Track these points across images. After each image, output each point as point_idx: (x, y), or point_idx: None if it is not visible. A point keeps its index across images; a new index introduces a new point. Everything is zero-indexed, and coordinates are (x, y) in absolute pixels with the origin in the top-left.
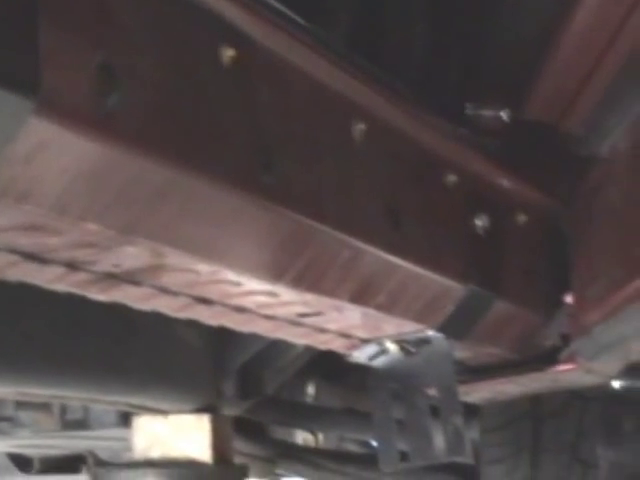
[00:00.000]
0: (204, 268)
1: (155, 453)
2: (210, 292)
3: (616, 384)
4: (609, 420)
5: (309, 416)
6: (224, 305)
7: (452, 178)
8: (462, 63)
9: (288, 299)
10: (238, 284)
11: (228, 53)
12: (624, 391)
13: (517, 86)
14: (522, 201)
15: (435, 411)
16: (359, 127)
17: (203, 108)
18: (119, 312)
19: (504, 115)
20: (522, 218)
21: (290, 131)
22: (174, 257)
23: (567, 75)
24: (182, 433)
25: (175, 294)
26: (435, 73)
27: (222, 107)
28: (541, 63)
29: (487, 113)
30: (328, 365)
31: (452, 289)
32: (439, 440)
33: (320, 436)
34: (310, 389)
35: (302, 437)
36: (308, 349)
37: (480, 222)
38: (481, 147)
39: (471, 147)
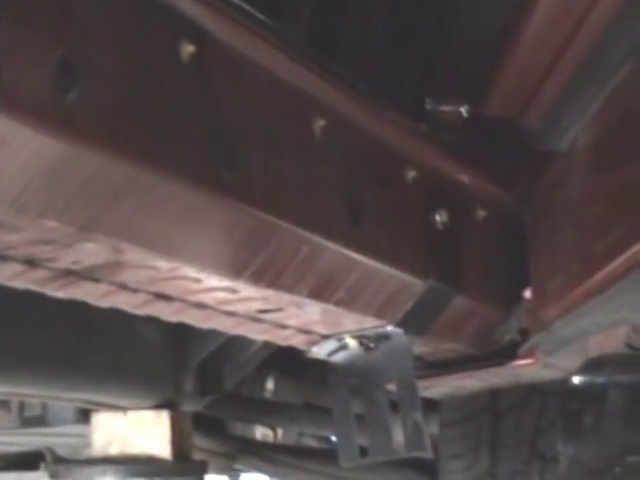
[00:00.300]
0: (164, 264)
1: (114, 449)
2: (170, 288)
3: (576, 379)
4: (568, 416)
5: (268, 412)
6: (184, 301)
7: (412, 173)
8: (421, 59)
9: (248, 295)
10: (198, 280)
11: (188, 49)
12: (583, 386)
13: (477, 82)
14: (481, 196)
15: (395, 406)
16: (319, 123)
17: (163, 104)
18: (77, 308)
19: (464, 111)
20: (481, 213)
21: (250, 127)
22: (133, 254)
23: (526, 71)
24: (141, 429)
25: (134, 291)
26: (394, 69)
27: (182, 103)
28: (500, 59)
29: (447, 109)
30: (287, 360)
31: (411, 285)
32: (399, 435)
33: (279, 432)
34: (269, 384)
35: (261, 433)
36: (267, 345)
37: (439, 217)
38: (441, 142)
39: (431, 142)
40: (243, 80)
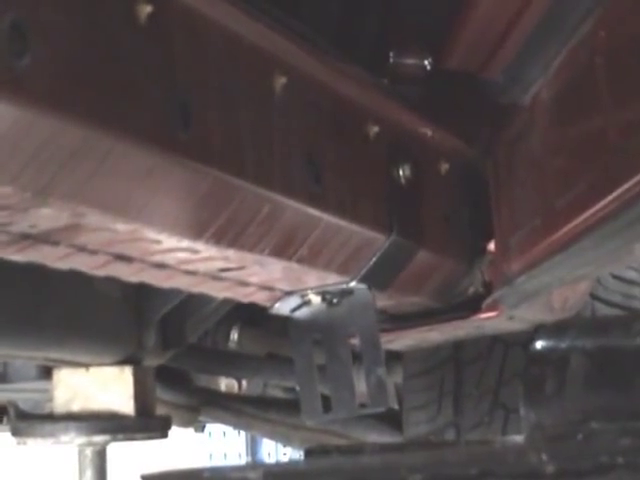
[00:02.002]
0: (122, 227)
1: (76, 406)
2: (130, 250)
3: (537, 344)
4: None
5: (232, 363)
6: (144, 262)
7: (374, 129)
8: (382, 12)
9: (209, 255)
10: (158, 242)
11: (145, 9)
12: (545, 351)
13: (439, 34)
14: (444, 150)
15: (358, 360)
16: (279, 80)
17: (118, 66)
18: (35, 266)
19: (427, 63)
20: (444, 167)
21: (207, 85)
22: (92, 217)
23: (489, 23)
24: (104, 385)
25: (93, 252)
26: (354, 23)
27: (138, 64)
28: (463, 10)
29: (410, 61)
30: (251, 311)
31: (374, 240)
32: (362, 390)
33: (244, 383)
34: (233, 335)
35: (226, 384)
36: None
37: (402, 172)
38: (403, 97)
39: (392, 97)
40: (200, 39)
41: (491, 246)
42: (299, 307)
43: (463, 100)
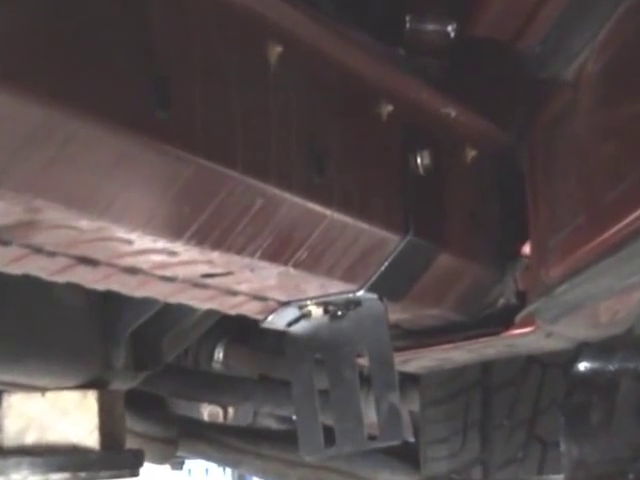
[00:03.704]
0: (87, 224)
1: (30, 438)
2: (95, 251)
3: (581, 366)
4: (572, 410)
5: (217, 387)
6: (112, 266)
7: (387, 109)
8: None
9: (190, 258)
10: (129, 242)
11: None
12: (590, 375)
13: None
14: (470, 134)
15: (367, 385)
16: (275, 50)
17: (85, 35)
18: None
19: (450, 30)
20: (471, 154)
21: (190, 57)
22: (50, 212)
23: None
24: (63, 413)
25: (52, 254)
26: None
27: (108, 32)
28: None
29: (430, 28)
30: (240, 325)
31: (386, 241)
32: (372, 420)
33: (230, 411)
34: (218, 354)
35: (209, 412)
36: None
37: (420, 160)
38: (421, 70)
39: (410, 71)
40: (181, 2)
41: (526, 249)
42: (297, 320)
43: (493, 75)
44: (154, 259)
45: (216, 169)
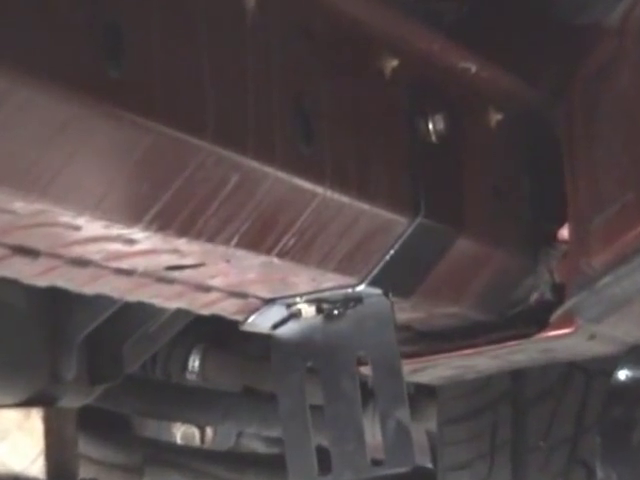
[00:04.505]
0: (24, 206)
1: None
2: (34, 240)
3: (621, 374)
4: (611, 427)
5: (192, 402)
6: (56, 257)
7: (390, 63)
8: None
9: (151, 246)
10: (76, 228)
11: None
12: (633, 385)
13: None
14: (494, 93)
15: (370, 398)
16: None
17: None
18: None
19: None
20: (494, 117)
21: (148, 1)
22: None
23: None
24: (2, 436)
25: None
26: None
27: None
28: None
29: None
30: (218, 327)
31: (392, 224)
32: (375, 441)
33: (209, 431)
34: (193, 363)
35: (182, 433)
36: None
37: (433, 125)
38: (433, 16)
39: (419, 17)
40: None
41: (563, 232)
42: (284, 321)
43: (521, 21)
44: (107, 248)
45: (181, 137)
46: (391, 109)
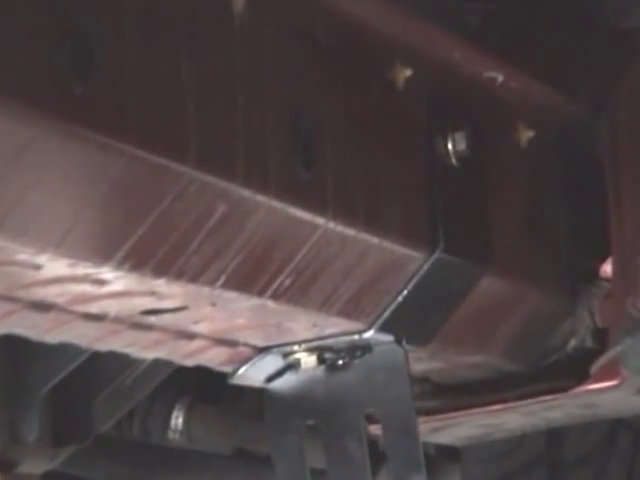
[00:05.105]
0: None
1: None
2: None
3: None
4: None
5: (175, 466)
6: (12, 300)
7: (404, 73)
8: None
9: (124, 288)
10: (36, 267)
11: None
12: None
13: None
14: (525, 107)
15: (379, 460)
16: None
17: None
18: None
19: None
20: (525, 135)
21: (120, 7)
22: None
23: None
24: None
25: None
26: None
27: None
28: None
29: None
30: (206, 380)
31: (405, 260)
32: None
33: None
34: (176, 421)
35: None
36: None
37: (453, 145)
38: (454, 19)
39: (436, 20)
40: None
41: (607, 268)
42: (280, 373)
43: (557, 24)
44: (73, 290)
45: (158, 162)
46: (404, 126)
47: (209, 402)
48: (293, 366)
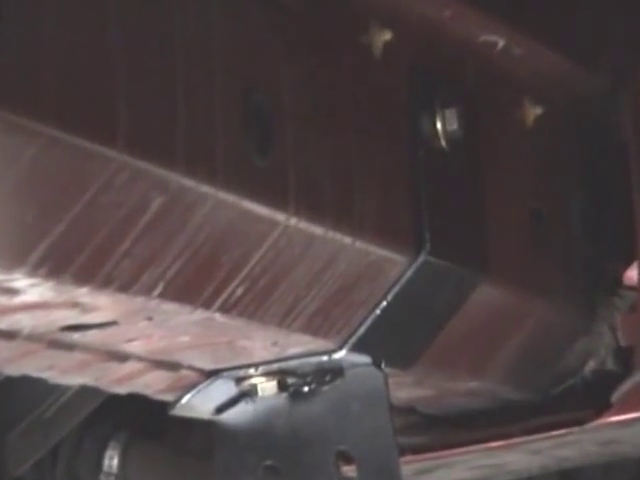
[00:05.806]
0: None
1: None
2: None
3: None
4: None
5: None
6: None
7: (382, 37)
8: None
9: (40, 298)
10: None
11: None
12: None
13: None
14: (530, 78)
15: None
16: None
17: None
18: None
19: None
20: (531, 113)
21: None
22: None
23: None
24: None
25: None
26: None
27: None
28: None
29: None
30: (145, 412)
31: (384, 265)
32: None
33: None
34: (110, 461)
35: None
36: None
37: (442, 124)
38: None
39: None
40: None
41: (631, 275)
42: (233, 402)
43: None
44: None
45: (80, 144)
46: (383, 102)
47: (150, 438)
48: (248, 394)
